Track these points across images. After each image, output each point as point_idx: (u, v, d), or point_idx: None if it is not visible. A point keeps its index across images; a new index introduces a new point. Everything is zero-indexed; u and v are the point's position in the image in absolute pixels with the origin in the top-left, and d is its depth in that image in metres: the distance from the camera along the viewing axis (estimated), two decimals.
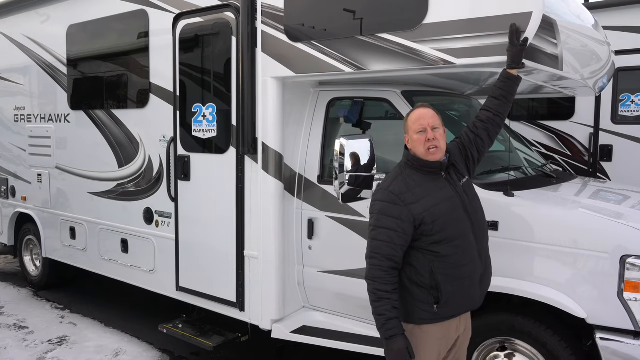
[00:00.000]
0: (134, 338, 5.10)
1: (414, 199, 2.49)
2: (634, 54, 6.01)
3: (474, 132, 2.81)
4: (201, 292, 4.41)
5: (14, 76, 6.52)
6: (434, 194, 2.53)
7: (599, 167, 6.39)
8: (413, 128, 2.58)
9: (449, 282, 2.51)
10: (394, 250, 2.47)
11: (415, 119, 2.59)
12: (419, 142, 2.55)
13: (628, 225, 2.95)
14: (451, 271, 2.51)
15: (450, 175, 2.63)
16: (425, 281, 2.51)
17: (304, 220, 3.97)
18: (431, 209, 2.48)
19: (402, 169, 2.63)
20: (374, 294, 2.48)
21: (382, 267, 2.47)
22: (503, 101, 2.83)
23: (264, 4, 3.79)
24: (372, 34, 3.28)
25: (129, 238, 5.07)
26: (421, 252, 2.52)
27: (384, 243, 2.47)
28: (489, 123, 2.82)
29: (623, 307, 2.84)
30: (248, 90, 3.86)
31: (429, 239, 2.49)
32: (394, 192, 2.51)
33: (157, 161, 4.74)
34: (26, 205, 6.48)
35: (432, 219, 2.48)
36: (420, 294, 2.53)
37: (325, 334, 3.87)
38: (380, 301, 2.46)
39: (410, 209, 2.47)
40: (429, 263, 2.50)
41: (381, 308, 2.45)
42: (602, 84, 4.33)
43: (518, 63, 2.79)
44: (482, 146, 2.81)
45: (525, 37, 2.78)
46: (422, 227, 2.48)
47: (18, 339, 5.08)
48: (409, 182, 2.55)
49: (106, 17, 5.11)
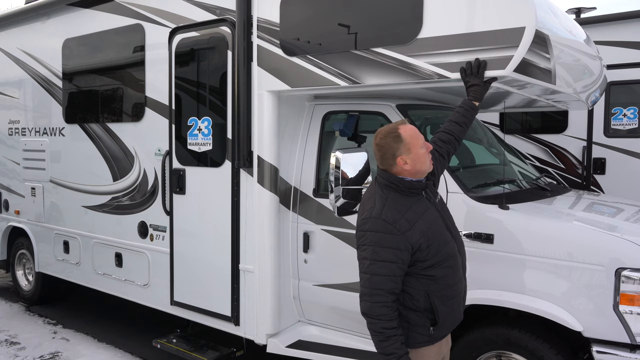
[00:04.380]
0: (127, 353, 5.04)
1: (409, 225, 2.34)
2: (626, 68, 6.09)
3: (437, 151, 2.79)
4: (196, 307, 4.38)
5: (9, 89, 6.51)
6: (423, 217, 2.41)
7: (592, 180, 6.43)
8: (417, 144, 2.43)
9: (443, 303, 2.45)
10: (395, 283, 2.33)
11: (414, 135, 2.45)
12: (425, 156, 2.45)
13: (623, 238, 2.96)
14: (445, 292, 2.45)
15: (428, 194, 2.54)
16: (420, 305, 2.42)
17: (299, 233, 3.96)
18: (426, 234, 2.37)
19: (385, 192, 2.44)
20: (381, 333, 2.32)
21: (386, 303, 2.31)
22: (464, 127, 2.92)
23: (259, 18, 3.82)
24: (367, 48, 3.31)
25: (123, 252, 5.04)
26: (415, 277, 2.41)
27: (385, 277, 2.31)
28: (449, 144, 2.87)
29: (619, 319, 2.84)
30: (244, 104, 3.88)
31: (423, 264, 2.39)
32: (388, 221, 2.33)
33: (152, 174, 4.73)
34: (19, 219, 6.44)
35: (428, 244, 2.37)
36: (417, 319, 2.44)
37: (321, 348, 3.84)
38: (389, 340, 2.31)
39: (407, 237, 2.32)
40: (423, 287, 2.41)
41: (390, 347, 2.31)
42: (595, 98, 4.38)
43: (480, 99, 2.94)
44: (443, 164, 2.84)
45: (493, 77, 2.91)
46: (418, 253, 2.36)
47: (9, 355, 5.01)
48: (398, 207, 2.39)
49: (102, 31, 5.12)
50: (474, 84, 2.93)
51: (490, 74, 2.92)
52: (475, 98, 2.93)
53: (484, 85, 2.95)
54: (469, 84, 2.95)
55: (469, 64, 2.93)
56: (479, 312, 3.27)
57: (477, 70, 2.91)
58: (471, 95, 2.94)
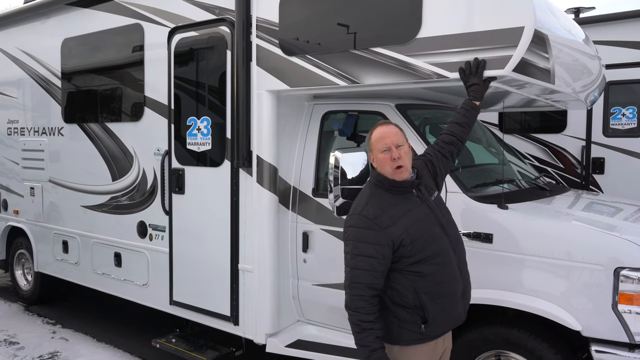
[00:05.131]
0: (126, 353, 5.04)
1: (390, 221, 2.39)
2: (625, 67, 6.09)
3: (439, 151, 2.84)
4: (195, 306, 4.38)
5: (8, 89, 6.50)
6: (409, 214, 2.44)
7: (591, 180, 6.44)
8: (377, 147, 2.49)
9: (432, 301, 2.44)
10: (375, 278, 2.37)
11: (378, 138, 2.50)
12: (385, 161, 2.47)
13: (622, 238, 2.96)
14: (434, 289, 2.45)
15: (420, 192, 2.56)
16: (409, 302, 2.44)
17: (298, 233, 3.96)
18: (409, 230, 2.40)
19: (372, 189, 2.52)
20: (357, 325, 2.39)
21: (364, 297, 2.38)
22: (466, 128, 2.94)
23: (258, 18, 3.82)
24: (366, 47, 3.31)
25: (122, 252, 5.03)
26: (401, 273, 2.43)
27: (364, 272, 2.37)
28: (452, 145, 2.88)
29: (618, 319, 2.84)
30: (243, 104, 3.88)
31: (409, 260, 2.41)
32: (369, 217, 2.40)
33: (151, 174, 4.72)
34: (18, 219, 6.43)
35: (411, 240, 2.39)
36: (406, 315, 2.45)
37: (320, 348, 3.84)
38: (364, 332, 2.38)
39: (388, 233, 2.36)
40: (411, 284, 2.42)
41: (365, 339, 2.38)
42: (594, 98, 4.38)
43: (481, 99, 2.95)
44: (446, 164, 2.86)
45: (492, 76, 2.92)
46: (401, 249, 2.39)
47: (8, 355, 5.01)
48: (382, 203, 2.44)
49: (101, 31, 5.12)
50: (473, 84, 2.94)
51: (489, 73, 2.92)
52: (476, 97, 2.94)
53: (483, 84, 2.95)
54: (468, 84, 2.95)
55: (468, 64, 2.94)
56: (477, 311, 3.27)
57: (477, 69, 2.91)
58: (471, 95, 2.95)
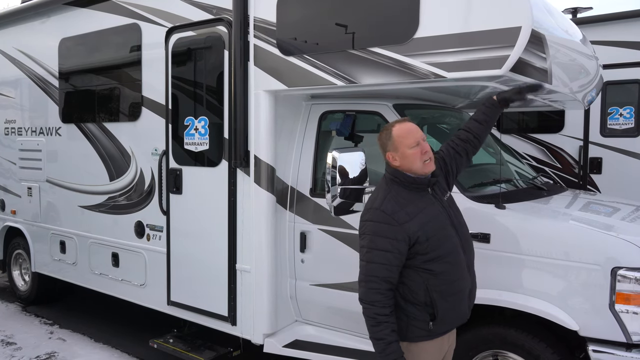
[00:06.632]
0: (124, 354, 5.03)
1: (407, 217, 2.42)
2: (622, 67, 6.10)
3: (454, 149, 2.84)
4: (192, 306, 4.37)
5: (5, 89, 6.48)
6: (425, 211, 2.48)
7: (588, 180, 6.44)
8: (405, 143, 2.51)
9: (443, 299, 2.48)
10: (390, 272, 2.41)
11: (405, 134, 2.53)
12: (415, 156, 2.49)
13: (619, 237, 2.97)
14: (445, 287, 2.48)
15: (435, 191, 2.60)
16: (419, 299, 2.47)
17: (296, 233, 3.96)
18: (425, 227, 2.43)
19: (389, 186, 2.55)
20: (373, 318, 2.41)
21: (380, 290, 2.40)
22: (485, 126, 2.92)
23: (256, 17, 3.82)
24: (364, 47, 3.31)
25: (120, 252, 5.03)
26: (415, 270, 2.46)
27: (381, 265, 2.40)
28: (468, 143, 2.87)
29: (615, 319, 2.84)
30: (240, 104, 3.87)
31: (423, 257, 2.44)
32: (387, 212, 2.43)
33: (149, 174, 4.72)
34: (15, 219, 6.41)
35: (426, 237, 2.43)
36: (416, 312, 2.48)
37: (318, 348, 3.84)
38: (380, 325, 2.40)
39: (405, 228, 2.40)
40: (423, 281, 2.46)
41: (381, 332, 2.39)
42: (591, 97, 4.38)
43: (509, 105, 2.96)
44: (460, 162, 2.85)
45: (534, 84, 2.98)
46: (417, 246, 2.42)
47: (5, 355, 5.00)
48: (399, 199, 2.47)
49: (99, 31, 5.11)
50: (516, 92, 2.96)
51: (486, 73, 2.91)
52: (503, 100, 2.94)
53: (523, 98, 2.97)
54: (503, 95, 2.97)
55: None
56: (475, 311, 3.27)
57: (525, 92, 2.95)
58: (504, 95, 2.95)
